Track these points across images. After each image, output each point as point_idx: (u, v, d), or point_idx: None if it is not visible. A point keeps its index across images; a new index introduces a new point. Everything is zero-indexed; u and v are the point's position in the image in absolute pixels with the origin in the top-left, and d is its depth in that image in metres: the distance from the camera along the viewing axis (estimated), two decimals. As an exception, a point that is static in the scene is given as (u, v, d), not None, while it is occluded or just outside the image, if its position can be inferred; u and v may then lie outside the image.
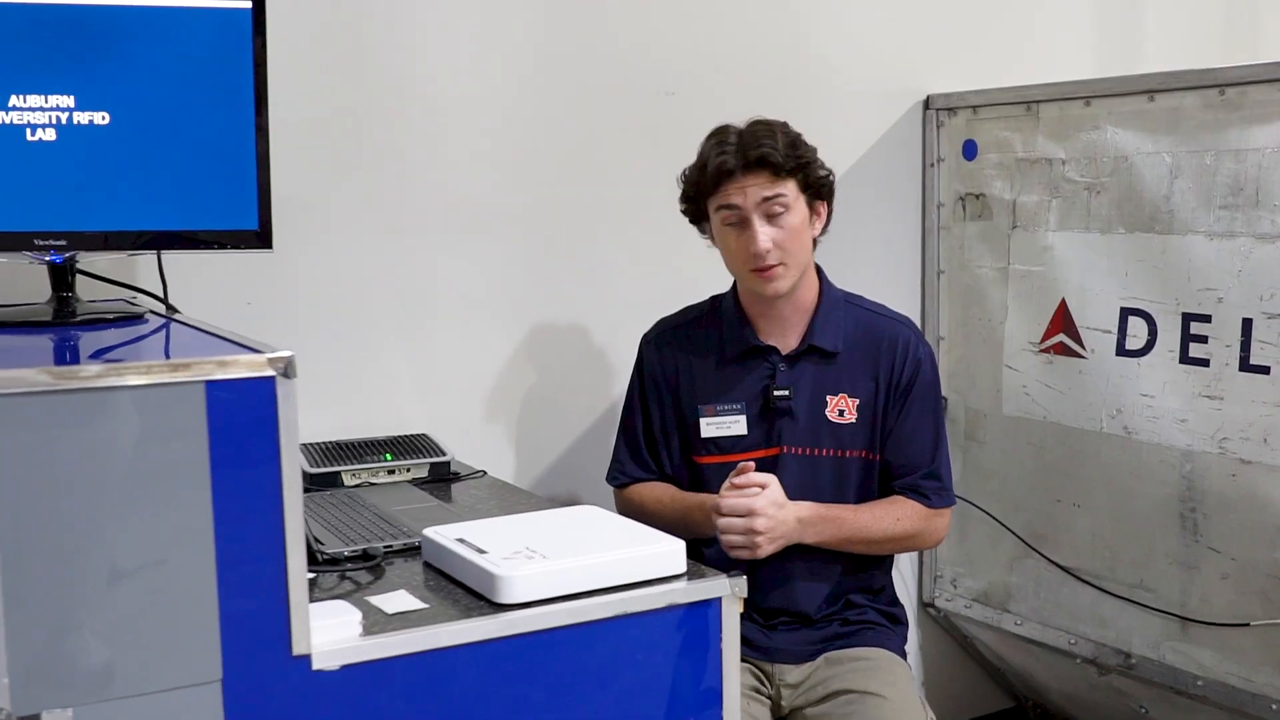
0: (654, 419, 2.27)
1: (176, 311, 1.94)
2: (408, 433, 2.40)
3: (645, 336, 2.32)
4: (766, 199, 2.09)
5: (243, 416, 1.34)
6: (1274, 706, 2.46)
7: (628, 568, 1.64)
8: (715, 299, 2.31)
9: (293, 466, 1.36)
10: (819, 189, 2.15)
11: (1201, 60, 3.37)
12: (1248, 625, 2.49)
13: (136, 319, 1.83)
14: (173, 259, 1.99)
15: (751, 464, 2.04)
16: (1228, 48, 3.71)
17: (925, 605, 3.22)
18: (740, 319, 2.23)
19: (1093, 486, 2.77)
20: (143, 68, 1.77)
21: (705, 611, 1.65)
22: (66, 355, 1.57)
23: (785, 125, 2.14)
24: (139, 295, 2.03)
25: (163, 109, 1.79)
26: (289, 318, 2.34)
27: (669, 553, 1.68)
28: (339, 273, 2.43)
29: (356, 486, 2.21)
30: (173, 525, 1.32)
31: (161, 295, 1.96)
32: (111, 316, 1.81)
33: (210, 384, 1.32)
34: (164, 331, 1.73)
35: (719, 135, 2.13)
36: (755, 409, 2.19)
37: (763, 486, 2.01)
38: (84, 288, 1.91)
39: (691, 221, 2.24)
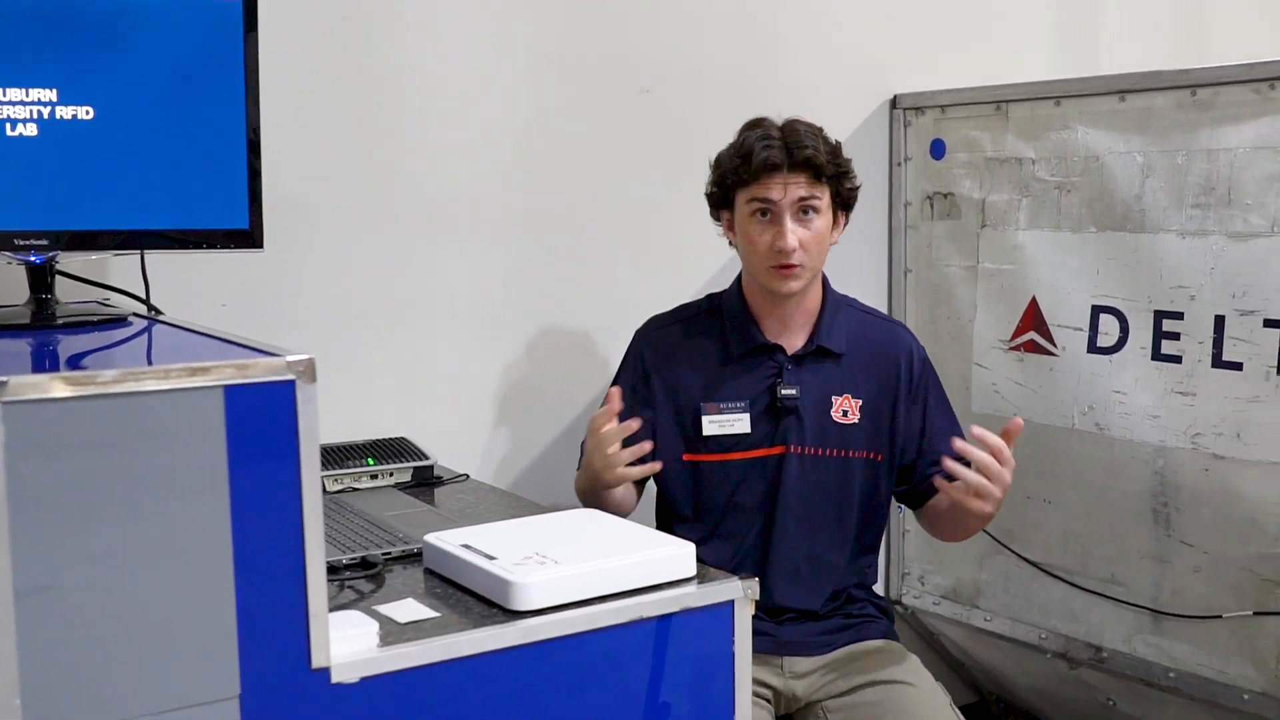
0: (628, 410, 2.23)
1: (160, 313, 1.88)
2: (386, 436, 2.36)
3: (640, 331, 2.30)
4: (803, 199, 2.10)
5: (262, 422, 1.29)
6: (1245, 697, 2.50)
7: (639, 571, 1.62)
8: (713, 297, 2.30)
9: (313, 473, 1.32)
10: (847, 200, 2.19)
11: (1153, 60, 3.43)
12: (1220, 618, 2.53)
13: (120, 321, 1.77)
14: (146, 259, 1.93)
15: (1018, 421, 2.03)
16: (1178, 47, 3.77)
17: (893, 603, 3.22)
18: (746, 317, 2.22)
19: (1064, 483, 2.79)
20: (129, 61, 1.71)
21: (719, 614, 1.64)
22: (65, 361, 1.51)
23: (823, 131, 2.16)
24: (118, 296, 1.96)
25: (150, 104, 1.73)
26: (264, 320, 2.28)
27: (679, 555, 1.66)
28: (315, 274, 2.38)
29: (339, 492, 2.16)
30: (190, 535, 1.27)
31: (143, 296, 1.90)
32: (95, 319, 1.75)
33: (229, 389, 1.28)
34: (155, 334, 1.68)
35: (761, 128, 2.14)
36: (759, 408, 2.19)
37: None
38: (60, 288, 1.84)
39: (711, 206, 2.23)
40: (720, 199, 2.20)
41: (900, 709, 2.11)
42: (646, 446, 1.99)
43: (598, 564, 1.60)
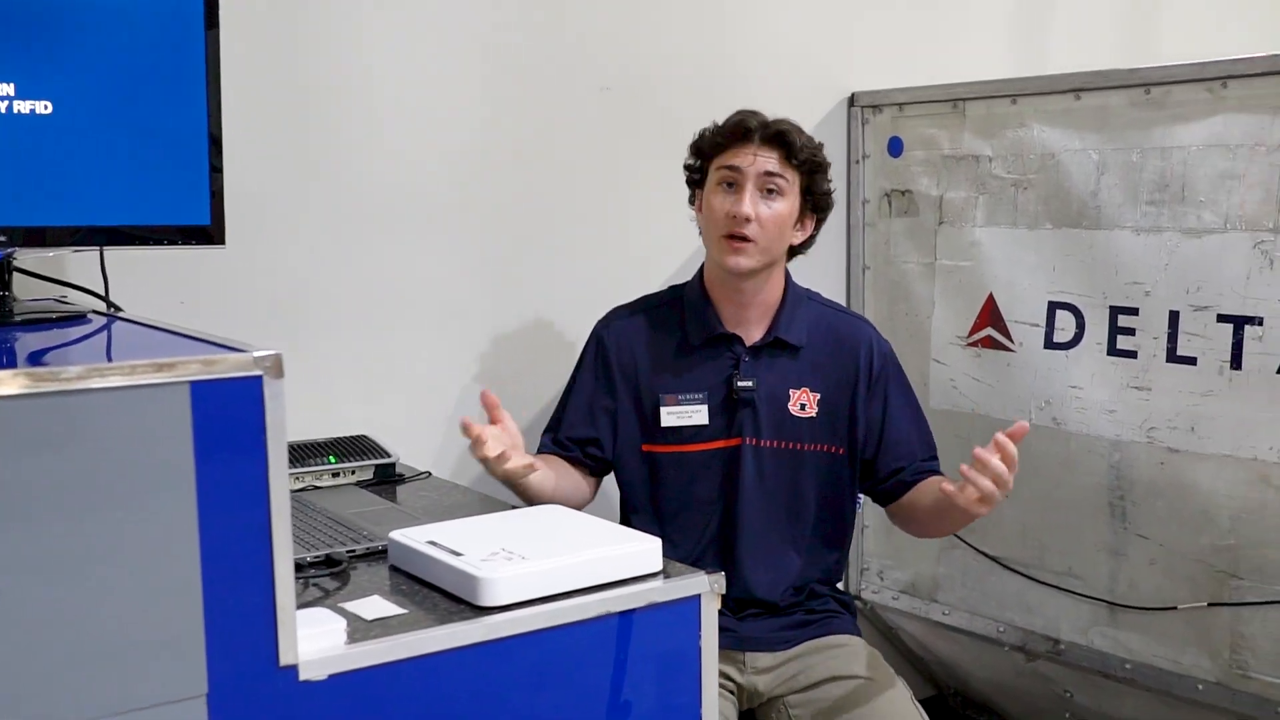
0: (599, 403, 2.25)
1: (119, 310, 1.86)
2: (347, 434, 2.34)
3: (601, 321, 2.30)
4: (769, 174, 2.13)
5: (229, 418, 1.28)
6: (1200, 687, 2.54)
7: (606, 566, 1.62)
8: (675, 288, 2.31)
9: (280, 469, 1.31)
10: (817, 200, 2.20)
11: (1104, 58, 3.47)
12: (1175, 609, 2.57)
13: (79, 318, 1.75)
14: (105, 256, 1.91)
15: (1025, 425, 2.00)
16: (1128, 47, 3.82)
17: (852, 598, 3.24)
18: (705, 305, 2.23)
19: (1021, 477, 2.74)
20: (89, 56, 1.68)
21: (685, 608, 1.64)
22: (25, 358, 1.49)
23: (811, 137, 2.21)
24: (76, 293, 1.94)
25: (109, 99, 1.70)
26: (223, 317, 2.25)
27: (645, 550, 1.66)
28: (275, 272, 2.36)
29: (301, 490, 2.14)
30: (156, 533, 1.26)
31: (102, 293, 1.87)
32: (54, 316, 1.73)
33: (195, 384, 1.26)
34: (116, 331, 1.66)
35: (747, 109, 2.19)
36: (717, 399, 2.19)
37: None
38: (17, 285, 1.82)
39: (689, 183, 2.26)
40: (696, 172, 2.23)
41: (862, 704, 2.12)
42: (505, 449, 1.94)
43: (564, 559, 1.60)
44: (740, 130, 2.14)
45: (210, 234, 1.80)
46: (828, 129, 3.10)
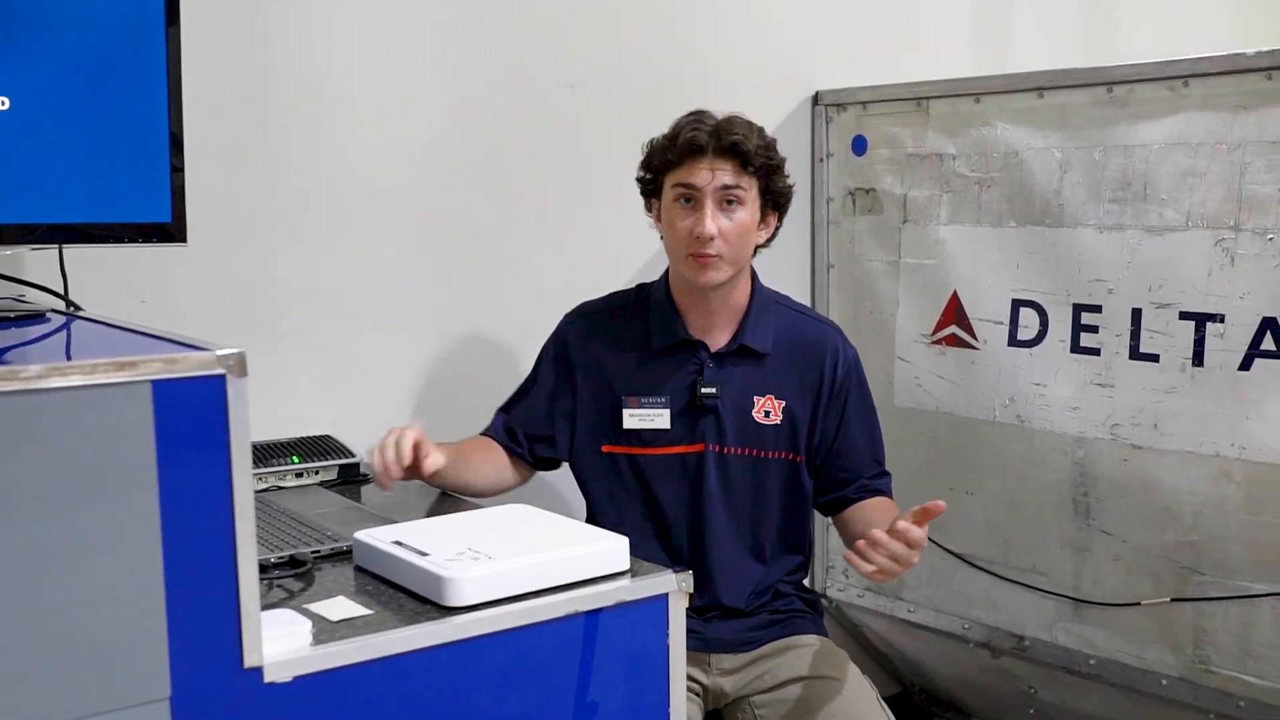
0: (553, 396, 2.24)
1: (79, 309, 1.83)
2: (311, 434, 2.32)
3: (567, 317, 2.29)
4: (726, 187, 2.08)
5: (192, 417, 1.26)
6: (1163, 682, 2.56)
7: (573, 566, 1.61)
8: (642, 288, 2.28)
9: (244, 469, 1.29)
10: (776, 198, 2.16)
11: (1066, 57, 3.50)
12: (1138, 604, 2.58)
13: (38, 317, 1.72)
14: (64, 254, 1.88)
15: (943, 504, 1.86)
16: (1088, 45, 3.85)
17: (821, 615, 3.24)
18: (671, 310, 2.21)
19: (986, 474, 2.83)
20: (47, 52, 1.65)
21: (653, 607, 1.64)
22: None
23: (762, 129, 2.14)
24: (34, 292, 1.91)
25: (68, 96, 1.67)
26: (184, 317, 2.23)
27: (613, 550, 1.66)
28: (236, 271, 2.34)
29: (264, 491, 2.12)
30: (118, 534, 1.24)
31: (61, 292, 1.85)
32: (13, 315, 1.70)
33: (158, 383, 1.24)
34: (76, 330, 1.63)
35: (697, 115, 2.13)
36: (680, 404, 2.18)
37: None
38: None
39: (643, 194, 2.21)
40: (650, 185, 2.19)
41: (828, 704, 2.11)
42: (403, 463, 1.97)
43: (531, 559, 1.59)
44: (693, 147, 2.08)
45: (171, 232, 1.77)
46: (792, 127, 3.10)
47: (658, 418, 2.17)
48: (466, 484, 2.14)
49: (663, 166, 2.14)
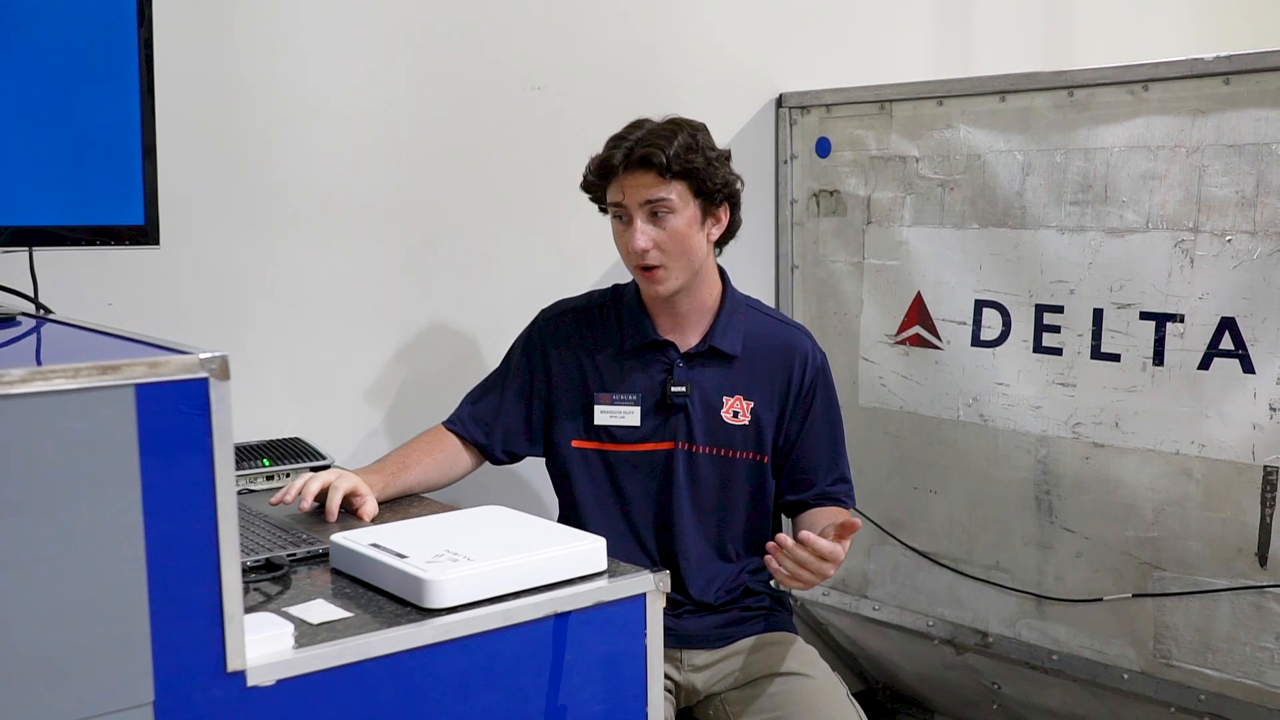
0: (521, 388, 2.25)
1: (50, 312, 1.82)
2: (280, 436, 2.32)
3: (544, 312, 2.30)
4: (649, 201, 2.09)
5: (175, 421, 1.26)
6: (1125, 676, 2.60)
7: (552, 567, 1.62)
8: (617, 288, 2.31)
9: (227, 472, 1.29)
10: (712, 195, 2.14)
11: (1028, 61, 3.54)
12: (1100, 600, 2.62)
13: (9, 321, 1.70)
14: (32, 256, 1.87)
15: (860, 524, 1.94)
16: (1049, 47, 3.90)
17: (791, 612, 3.26)
18: (641, 312, 2.23)
19: (950, 473, 2.86)
20: (18, 54, 1.64)
21: (631, 607, 1.64)
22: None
23: (693, 127, 2.13)
24: (4, 295, 1.89)
25: (40, 98, 1.66)
26: (152, 319, 2.22)
27: (590, 550, 1.67)
28: (204, 273, 2.33)
29: (237, 493, 2.11)
30: (101, 538, 1.23)
31: (32, 295, 1.83)
32: (-17, 319, 1.69)
33: (141, 387, 1.24)
34: (49, 334, 1.62)
35: (625, 130, 2.14)
36: (650, 402, 2.20)
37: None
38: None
39: (601, 210, 2.23)
40: (599, 201, 2.21)
41: (798, 700, 2.14)
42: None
43: (510, 560, 1.59)
44: (606, 168, 2.10)
45: (144, 234, 1.77)
46: (756, 129, 3.13)
47: (628, 415, 2.19)
48: (411, 489, 2.15)
49: (590, 188, 2.17)
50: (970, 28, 3.70)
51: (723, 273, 2.26)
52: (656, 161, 2.07)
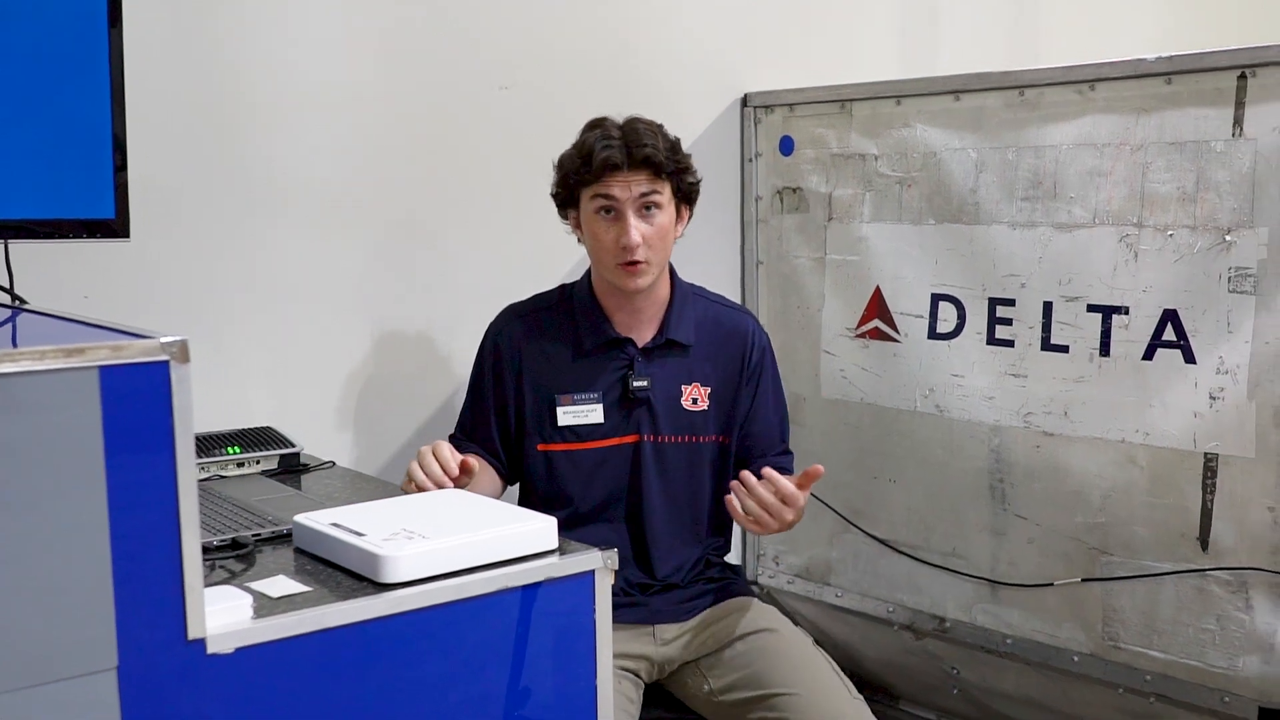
0: (495, 404, 2.32)
1: (25, 303, 1.89)
2: (251, 425, 2.38)
3: (494, 323, 2.37)
4: (644, 196, 2.18)
5: (137, 401, 1.33)
6: (1075, 659, 2.67)
7: (504, 545, 1.69)
8: (564, 288, 2.38)
9: (187, 449, 1.36)
10: (688, 194, 2.27)
11: (991, 62, 3.61)
12: (1051, 585, 2.70)
13: (-16, 310, 1.78)
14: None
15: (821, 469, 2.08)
16: (1013, 49, 3.98)
17: (749, 583, 3.34)
18: (597, 312, 2.30)
19: (907, 463, 2.94)
20: (-10, 50, 1.72)
21: (580, 583, 1.71)
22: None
23: (663, 128, 2.24)
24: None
25: (12, 93, 1.73)
26: (127, 310, 2.28)
27: (542, 529, 1.73)
28: (177, 265, 2.39)
29: (205, 480, 2.18)
30: (66, 514, 1.30)
31: (7, 286, 1.90)
32: (-41, 309, 1.76)
33: (104, 369, 1.31)
34: (22, 322, 1.69)
35: (602, 127, 2.21)
36: (612, 398, 2.28)
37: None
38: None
39: (558, 206, 2.30)
40: (565, 198, 2.28)
41: (769, 654, 2.25)
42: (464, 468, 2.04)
43: (464, 537, 1.66)
44: (608, 165, 2.17)
45: (115, 228, 1.83)
46: (722, 127, 3.20)
47: (591, 412, 2.27)
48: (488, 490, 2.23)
49: (579, 183, 2.23)
50: (937, 29, 3.77)
51: (670, 265, 2.34)
52: (656, 161, 2.18)
